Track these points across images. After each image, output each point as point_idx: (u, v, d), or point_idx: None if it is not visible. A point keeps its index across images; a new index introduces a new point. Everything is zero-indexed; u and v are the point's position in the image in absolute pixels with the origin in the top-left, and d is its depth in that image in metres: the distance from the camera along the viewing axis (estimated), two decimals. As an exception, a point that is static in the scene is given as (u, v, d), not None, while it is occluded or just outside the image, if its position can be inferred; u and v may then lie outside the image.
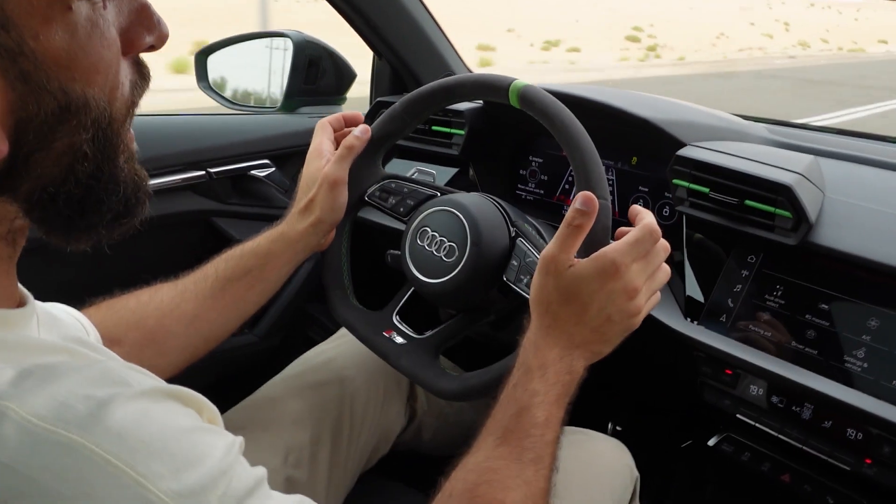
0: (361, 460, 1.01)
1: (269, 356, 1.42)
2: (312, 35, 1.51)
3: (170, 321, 0.86)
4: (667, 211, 1.15)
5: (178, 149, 1.26)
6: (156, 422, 0.42)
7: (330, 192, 0.92)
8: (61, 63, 0.41)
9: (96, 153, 0.45)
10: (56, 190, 0.44)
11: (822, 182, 1.00)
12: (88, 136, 0.44)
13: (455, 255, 0.89)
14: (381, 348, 0.93)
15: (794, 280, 0.93)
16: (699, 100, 1.30)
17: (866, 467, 0.85)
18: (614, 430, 1.30)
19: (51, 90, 0.41)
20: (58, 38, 0.40)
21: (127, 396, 0.42)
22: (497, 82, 0.90)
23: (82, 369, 0.42)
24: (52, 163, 0.43)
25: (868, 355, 0.85)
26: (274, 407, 0.97)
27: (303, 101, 1.50)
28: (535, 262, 0.86)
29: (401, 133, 1.00)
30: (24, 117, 0.40)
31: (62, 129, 0.42)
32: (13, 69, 0.39)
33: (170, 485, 0.40)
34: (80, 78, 0.42)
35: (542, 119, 0.85)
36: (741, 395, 0.94)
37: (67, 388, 0.40)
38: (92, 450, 0.38)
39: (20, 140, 0.41)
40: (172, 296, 0.88)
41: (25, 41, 0.39)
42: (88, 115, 0.43)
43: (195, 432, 0.44)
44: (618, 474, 0.97)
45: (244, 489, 0.45)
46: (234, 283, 0.90)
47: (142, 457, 0.40)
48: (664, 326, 0.98)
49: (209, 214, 1.33)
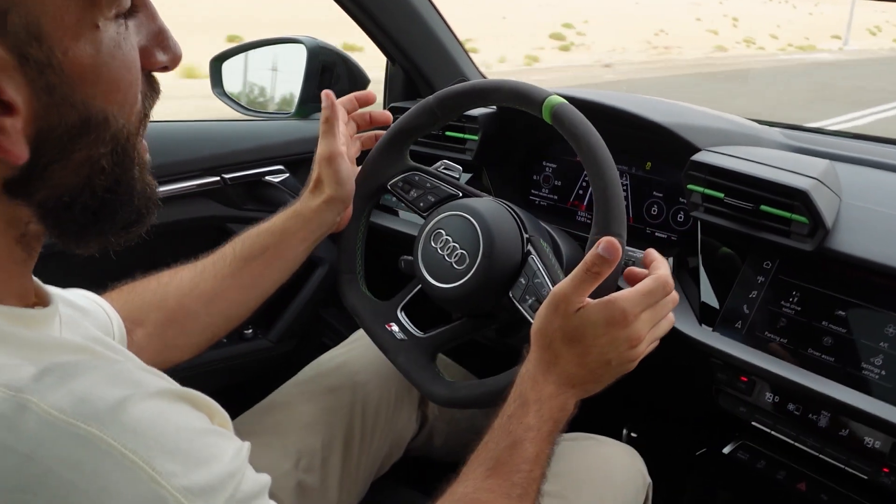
0: (374, 466, 1.01)
1: (283, 361, 1.42)
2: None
3: (190, 300, 0.88)
4: (681, 216, 1.14)
5: (192, 155, 1.27)
6: (171, 421, 0.43)
7: (329, 167, 0.94)
8: (85, 78, 0.42)
9: (114, 167, 0.46)
10: (72, 199, 0.45)
11: (838, 187, 0.99)
12: (107, 151, 0.45)
13: (466, 264, 0.89)
14: (381, 341, 0.95)
15: (811, 286, 0.93)
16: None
17: (884, 476, 0.84)
18: (629, 436, 1.30)
19: (73, 104, 0.42)
20: (84, 54, 0.42)
21: (143, 395, 0.43)
22: (533, 94, 0.90)
23: (101, 368, 0.43)
24: (69, 173, 0.44)
25: (886, 362, 0.84)
26: (286, 411, 0.97)
27: (317, 106, 1.50)
28: (542, 283, 0.86)
29: (430, 127, 1.01)
30: (46, 128, 0.42)
31: (81, 142, 0.44)
32: (40, 80, 0.41)
33: (182, 482, 0.41)
34: (101, 94, 0.44)
35: (570, 140, 0.85)
36: (756, 403, 0.94)
37: (87, 384, 0.41)
38: (109, 443, 0.39)
39: (40, 149, 0.42)
40: (192, 276, 0.90)
41: (55, 54, 0.41)
42: (107, 130, 0.45)
43: (207, 434, 0.46)
44: (630, 480, 0.96)
45: (250, 493, 0.46)
46: (251, 261, 0.92)
47: (157, 454, 0.41)
48: (679, 333, 0.97)
49: (224, 220, 1.34)
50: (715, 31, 23.12)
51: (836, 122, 8.24)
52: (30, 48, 0.40)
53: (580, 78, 11.58)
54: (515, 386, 0.74)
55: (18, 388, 0.40)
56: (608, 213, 0.79)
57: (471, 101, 0.98)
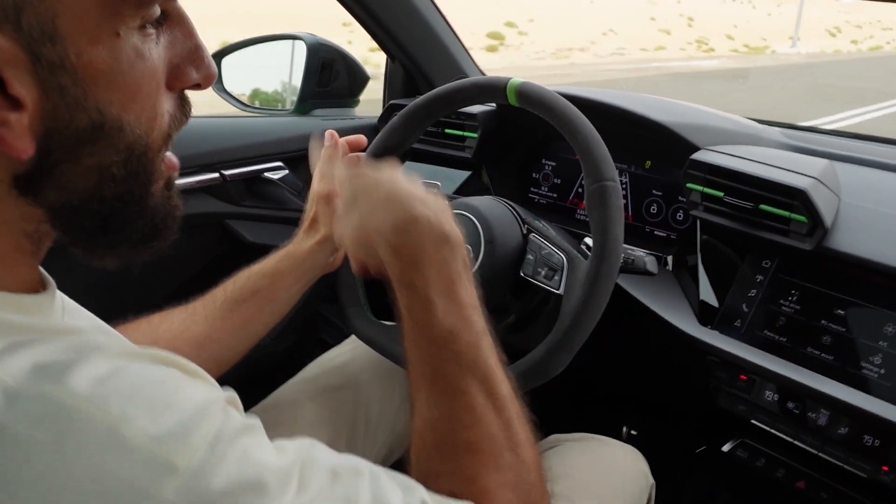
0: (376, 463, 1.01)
1: (281, 358, 1.42)
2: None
3: (180, 343, 0.86)
4: (681, 215, 1.14)
5: (191, 151, 1.26)
6: (132, 372, 0.42)
7: (327, 207, 0.92)
8: (100, 84, 0.42)
9: (127, 178, 0.46)
10: (80, 204, 0.45)
11: (837, 186, 1.00)
12: (120, 160, 0.45)
13: (470, 257, 0.89)
14: (402, 357, 0.92)
15: (810, 285, 0.93)
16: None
17: (883, 474, 0.84)
18: (629, 434, 1.30)
19: (86, 107, 0.42)
20: (100, 59, 0.42)
21: (108, 355, 0.42)
22: (494, 83, 0.90)
23: (77, 339, 0.43)
24: (79, 177, 0.44)
25: (885, 361, 0.84)
26: (289, 410, 0.97)
27: (316, 103, 1.51)
28: (550, 252, 0.86)
29: (403, 145, 1.00)
30: (55, 128, 0.42)
31: (92, 147, 0.43)
32: (51, 80, 0.40)
33: (146, 428, 0.39)
34: (117, 101, 0.43)
35: (542, 112, 0.86)
36: (756, 401, 0.94)
37: (50, 351, 0.41)
38: (62, 398, 0.38)
39: (48, 148, 0.42)
40: (183, 318, 0.88)
41: (68, 56, 0.40)
42: (122, 139, 0.44)
43: (176, 380, 0.43)
44: (633, 481, 0.96)
45: (234, 429, 0.43)
46: (242, 303, 0.90)
47: (115, 401, 0.39)
48: (679, 331, 0.98)
49: (223, 216, 1.34)
50: (668, 31, 22.29)
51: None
52: (43, 48, 0.40)
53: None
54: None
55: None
56: (596, 161, 0.80)
57: (436, 109, 0.97)
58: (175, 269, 1.34)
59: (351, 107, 1.58)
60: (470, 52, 1.57)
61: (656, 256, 0.93)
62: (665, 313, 1.00)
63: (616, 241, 0.79)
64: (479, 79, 0.94)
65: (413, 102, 0.98)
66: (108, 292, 1.22)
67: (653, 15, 26.29)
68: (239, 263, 1.02)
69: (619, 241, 0.79)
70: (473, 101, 0.96)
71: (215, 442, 0.41)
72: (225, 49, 1.53)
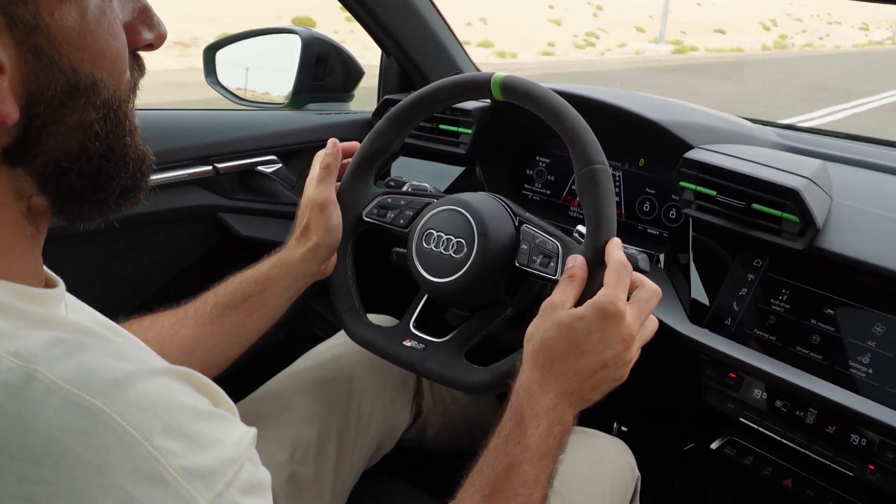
0: (366, 457, 1.01)
1: (272, 352, 1.42)
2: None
3: (170, 347, 0.86)
4: (673, 213, 1.15)
5: (185, 144, 1.26)
6: (175, 400, 0.44)
7: (321, 214, 0.92)
8: (72, 42, 0.44)
9: (108, 133, 0.48)
10: (69, 165, 0.47)
11: (829, 187, 1.00)
12: (99, 116, 0.46)
13: (464, 251, 0.89)
14: (405, 357, 0.92)
15: (800, 285, 0.93)
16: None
17: (869, 473, 0.85)
18: (619, 430, 1.30)
19: (61, 67, 0.43)
20: (70, 18, 0.43)
21: (149, 372, 0.43)
22: (477, 79, 0.91)
23: (106, 345, 0.44)
24: (63, 138, 0.46)
25: (873, 361, 0.85)
26: (281, 403, 0.97)
27: (311, 97, 1.50)
28: (544, 240, 0.87)
29: (389, 148, 1.00)
30: (36, 90, 0.43)
31: (72, 106, 0.45)
32: (27, 42, 0.42)
33: (182, 462, 0.41)
34: (89, 59, 0.45)
35: (527, 104, 0.87)
36: (745, 399, 0.94)
37: (94, 357, 0.42)
38: (112, 417, 0.40)
39: (32, 112, 0.43)
40: (173, 322, 0.88)
41: (41, 16, 0.42)
42: (98, 95, 0.46)
43: (211, 417, 0.46)
44: (619, 473, 0.97)
45: (250, 483, 0.46)
46: (233, 309, 0.90)
47: (159, 431, 0.41)
48: (669, 329, 0.98)
49: (215, 210, 1.33)
50: (558, 22, 20.36)
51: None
52: (16, 8, 0.41)
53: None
54: (510, 402, 0.72)
55: (27, 358, 0.40)
56: (584, 145, 0.81)
57: (420, 109, 0.98)
58: (168, 262, 1.34)
59: (345, 101, 1.58)
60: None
61: (648, 254, 0.94)
62: (656, 311, 1.00)
63: (610, 220, 0.79)
64: (462, 76, 0.94)
65: (397, 105, 0.99)
66: (101, 284, 1.22)
67: (551, 2, 23.84)
68: (231, 256, 1.02)
69: (612, 220, 0.80)
70: (458, 98, 0.96)
71: (229, 489, 0.43)
72: (219, 42, 1.52)
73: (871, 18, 34.11)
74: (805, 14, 33.46)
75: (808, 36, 27.24)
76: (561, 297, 0.74)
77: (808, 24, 30.65)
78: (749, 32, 24.89)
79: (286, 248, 0.94)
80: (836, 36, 28.09)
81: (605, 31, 20.46)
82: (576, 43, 17.53)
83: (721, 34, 23.14)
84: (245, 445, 0.47)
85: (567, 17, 21.48)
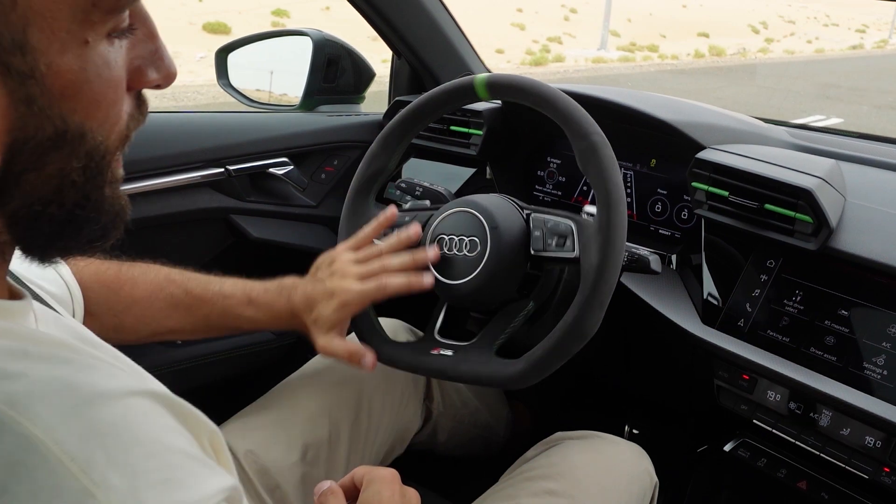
0: (377, 459, 1.02)
1: (284, 353, 1.43)
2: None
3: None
4: (685, 214, 1.14)
5: (197, 146, 1.27)
6: (130, 429, 0.39)
7: (341, 311, 0.90)
8: (66, 93, 0.41)
9: (85, 182, 0.44)
10: (42, 209, 0.43)
11: (843, 186, 0.99)
12: (80, 165, 0.43)
13: (478, 248, 0.89)
14: (435, 366, 0.90)
15: (814, 285, 0.93)
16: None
17: (885, 475, 0.84)
18: (631, 433, 1.30)
19: (51, 117, 0.41)
20: (68, 69, 0.40)
21: (112, 394, 0.40)
22: (461, 85, 0.93)
23: (73, 363, 0.42)
24: (41, 183, 0.43)
25: (888, 362, 0.84)
26: (292, 404, 0.97)
27: (322, 99, 1.51)
28: (556, 222, 0.87)
29: (386, 169, 1.00)
30: (21, 138, 0.40)
31: (55, 155, 0.42)
32: (20, 91, 0.39)
33: (122, 500, 0.36)
34: (81, 110, 0.42)
35: (516, 97, 0.89)
36: (758, 401, 0.94)
37: (47, 375, 0.39)
38: (48, 446, 0.36)
39: (14, 159, 0.41)
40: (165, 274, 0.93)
41: (38, 66, 0.39)
42: (83, 146, 0.43)
43: (174, 454, 0.40)
44: (637, 479, 0.97)
45: None
46: (202, 307, 0.92)
47: (101, 463, 0.37)
48: (682, 330, 0.98)
49: (227, 212, 1.34)
50: (522, 27, 19.38)
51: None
52: (13, 58, 0.38)
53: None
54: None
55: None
56: (578, 121, 0.83)
57: (410, 127, 0.98)
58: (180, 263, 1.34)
59: (356, 103, 1.59)
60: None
61: (660, 255, 0.93)
62: (668, 312, 1.00)
63: (618, 187, 0.80)
64: (446, 85, 0.95)
65: (388, 124, 0.99)
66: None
67: (538, 9, 22.49)
68: (244, 258, 1.02)
69: (620, 187, 0.80)
70: (445, 107, 0.98)
71: None
72: (230, 45, 1.53)
73: (876, 20, 33.40)
74: (801, 16, 32.74)
75: (795, 40, 26.36)
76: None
77: (800, 27, 29.89)
78: (734, 35, 24.10)
79: (287, 298, 0.92)
80: (826, 39, 27.25)
81: (572, 37, 19.74)
82: (529, 49, 16.80)
83: (705, 37, 22.41)
84: (223, 497, 0.41)
85: (534, 21, 20.63)
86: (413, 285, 0.88)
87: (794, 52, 23.50)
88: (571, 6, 24.10)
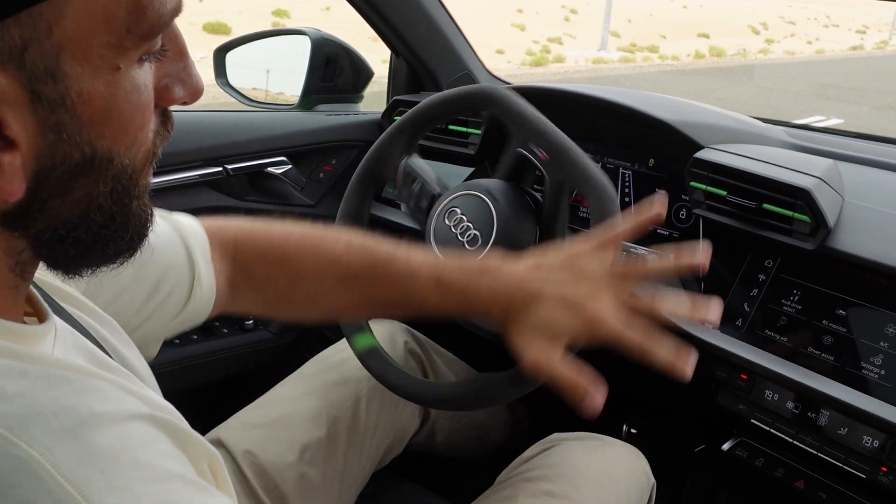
0: (375, 460, 1.02)
1: (283, 353, 1.43)
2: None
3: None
4: (683, 213, 1.14)
5: (195, 145, 1.27)
6: (129, 454, 0.39)
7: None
8: (95, 119, 0.40)
9: (112, 205, 0.44)
10: (66, 233, 0.43)
11: (841, 186, 0.99)
12: (107, 190, 0.43)
13: (477, 246, 0.88)
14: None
15: (812, 285, 0.93)
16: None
17: (882, 475, 0.84)
18: (628, 432, 1.30)
19: (79, 143, 0.40)
20: (99, 96, 0.39)
21: (114, 417, 0.40)
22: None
23: (78, 384, 0.41)
24: (67, 209, 0.42)
25: (886, 362, 0.84)
26: (291, 405, 0.97)
27: (320, 98, 1.51)
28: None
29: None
30: (49, 165, 0.40)
31: (82, 181, 0.41)
32: (50, 119, 0.38)
33: None
34: (110, 136, 0.41)
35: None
36: (756, 400, 0.94)
37: (48, 398, 0.39)
38: (47, 469, 0.36)
39: (40, 186, 0.40)
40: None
41: (69, 94, 0.38)
42: (110, 170, 0.42)
43: (172, 480, 0.40)
44: (634, 481, 0.97)
45: None
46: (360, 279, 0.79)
47: (99, 489, 0.36)
48: (679, 330, 0.98)
49: (226, 211, 1.34)
50: (522, 27, 19.38)
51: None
52: (44, 86, 0.37)
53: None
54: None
55: None
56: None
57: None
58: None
59: (355, 102, 1.59)
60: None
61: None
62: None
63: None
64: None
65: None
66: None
67: (521, 5, 22.16)
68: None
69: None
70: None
71: None
72: (228, 44, 1.53)
73: (876, 21, 33.32)
74: (801, 17, 32.61)
75: (795, 41, 26.28)
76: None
77: (801, 28, 29.78)
78: (735, 36, 23.95)
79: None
80: (827, 40, 27.17)
81: (573, 37, 19.58)
82: (529, 50, 16.77)
83: (705, 38, 22.24)
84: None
85: (534, 22, 20.49)
86: (674, 368, 0.70)
87: (795, 52, 23.44)
88: (572, 7, 23.95)
